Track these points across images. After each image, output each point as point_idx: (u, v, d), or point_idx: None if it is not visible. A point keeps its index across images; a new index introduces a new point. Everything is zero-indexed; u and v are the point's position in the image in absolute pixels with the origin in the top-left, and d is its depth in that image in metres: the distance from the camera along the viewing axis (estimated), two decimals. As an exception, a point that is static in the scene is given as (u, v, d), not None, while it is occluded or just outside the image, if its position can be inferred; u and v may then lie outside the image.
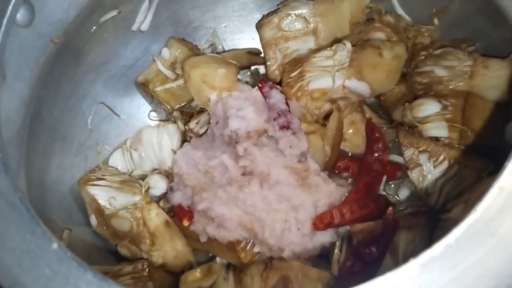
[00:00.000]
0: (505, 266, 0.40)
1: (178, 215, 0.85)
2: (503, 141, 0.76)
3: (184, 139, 0.95)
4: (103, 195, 0.84)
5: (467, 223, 0.40)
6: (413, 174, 0.85)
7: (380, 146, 0.87)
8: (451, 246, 0.40)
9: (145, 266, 0.79)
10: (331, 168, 0.88)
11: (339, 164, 0.89)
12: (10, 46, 0.66)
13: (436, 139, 0.84)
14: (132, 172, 0.93)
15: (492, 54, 0.81)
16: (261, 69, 1.04)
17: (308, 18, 0.91)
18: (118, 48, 0.93)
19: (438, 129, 0.84)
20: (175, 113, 0.97)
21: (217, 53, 1.02)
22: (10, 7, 0.62)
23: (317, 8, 0.91)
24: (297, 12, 0.92)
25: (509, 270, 0.40)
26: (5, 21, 0.61)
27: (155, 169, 0.94)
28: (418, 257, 0.40)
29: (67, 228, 0.80)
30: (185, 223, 0.83)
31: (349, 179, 0.90)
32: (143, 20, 0.92)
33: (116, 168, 0.93)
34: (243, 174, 0.83)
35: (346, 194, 0.85)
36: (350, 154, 0.92)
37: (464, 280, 0.40)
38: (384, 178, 0.88)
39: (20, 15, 0.66)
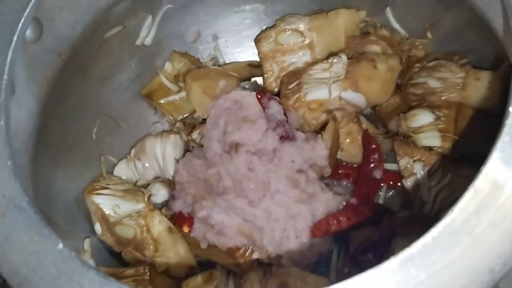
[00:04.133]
0: (479, 264, 0.42)
1: (179, 222, 0.87)
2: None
3: (187, 149, 0.97)
4: (107, 203, 0.86)
5: (444, 223, 0.43)
6: (408, 183, 0.87)
7: (376, 157, 0.89)
8: (429, 245, 0.42)
9: (146, 270, 0.81)
10: (331, 175, 0.90)
11: (340, 171, 0.91)
12: (20, 61, 0.68)
13: (430, 149, 0.86)
14: (137, 182, 0.96)
15: (484, 66, 0.82)
16: (260, 80, 1.06)
17: (304, 32, 0.94)
18: (123, 62, 0.96)
19: (432, 139, 0.86)
20: (178, 124, 1.00)
21: (219, 65, 1.05)
22: (20, 24, 0.65)
23: (312, 23, 0.94)
24: (293, 26, 0.95)
25: (483, 268, 0.42)
26: (15, 38, 0.64)
27: (158, 177, 0.96)
28: (397, 255, 0.42)
29: (86, 236, 0.84)
30: (185, 229, 0.85)
31: (348, 185, 0.92)
32: (147, 35, 0.95)
33: (120, 178, 0.95)
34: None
35: (344, 203, 0.87)
36: (345, 164, 0.94)
37: (441, 277, 0.42)
38: (384, 188, 0.90)
39: (29, 32, 0.69)
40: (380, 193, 0.91)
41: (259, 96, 0.91)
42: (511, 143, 0.46)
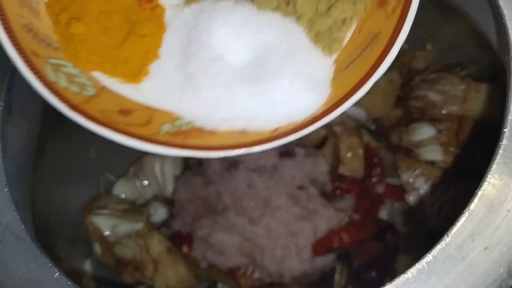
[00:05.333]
0: (475, 288, 0.42)
1: (178, 241, 0.87)
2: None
3: (186, 166, 0.97)
4: (106, 223, 0.85)
5: (439, 248, 0.42)
6: (411, 197, 0.86)
7: (378, 171, 0.89)
8: (424, 270, 0.42)
9: (146, 291, 0.81)
10: (333, 190, 0.90)
11: (341, 186, 0.90)
12: (16, 84, 0.68)
13: (432, 163, 0.85)
14: (136, 200, 0.95)
15: (485, 78, 0.82)
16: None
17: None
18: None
19: (434, 153, 0.85)
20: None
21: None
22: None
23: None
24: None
25: (479, 293, 0.42)
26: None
27: (157, 196, 0.96)
28: (392, 281, 0.42)
29: (87, 257, 0.84)
30: (184, 249, 0.85)
31: (350, 200, 0.90)
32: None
33: (119, 197, 0.95)
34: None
35: (346, 219, 0.87)
36: (347, 179, 0.93)
37: (436, 302, 0.41)
38: (387, 202, 0.90)
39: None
40: (382, 208, 0.90)
41: (258, 113, 0.91)
42: (506, 165, 0.46)
